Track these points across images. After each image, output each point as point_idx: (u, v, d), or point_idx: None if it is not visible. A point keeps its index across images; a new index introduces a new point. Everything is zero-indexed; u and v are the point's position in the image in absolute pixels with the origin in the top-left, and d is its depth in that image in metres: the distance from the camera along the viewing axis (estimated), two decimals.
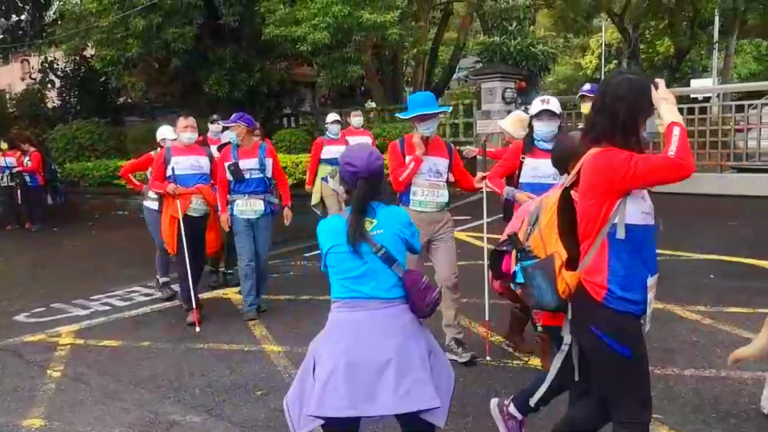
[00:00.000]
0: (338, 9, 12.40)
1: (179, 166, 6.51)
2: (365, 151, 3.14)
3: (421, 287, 2.99)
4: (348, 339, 2.91)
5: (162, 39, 14.47)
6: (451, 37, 23.29)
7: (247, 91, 15.51)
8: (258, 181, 6.51)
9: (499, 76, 13.49)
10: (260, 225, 6.57)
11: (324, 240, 3.07)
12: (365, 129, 10.17)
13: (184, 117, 6.58)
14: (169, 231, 6.55)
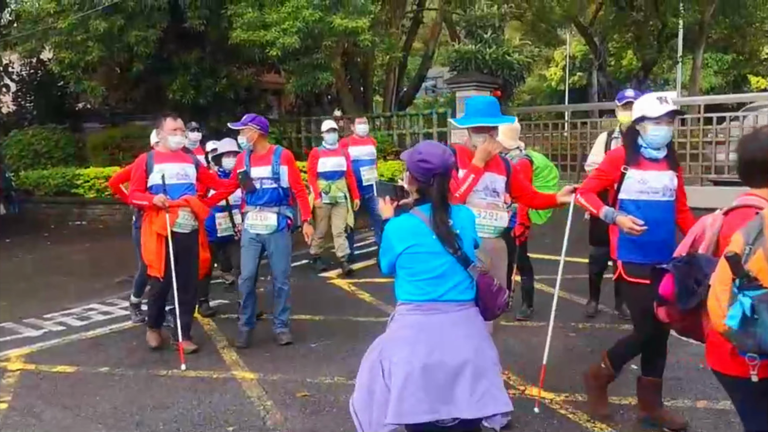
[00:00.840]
0: (309, 14, 11.97)
1: (166, 174, 5.64)
2: (437, 147, 3.11)
3: (493, 289, 3.02)
4: (424, 342, 2.87)
5: (124, 42, 13.83)
6: (417, 47, 23.06)
7: (213, 97, 14.96)
8: (271, 192, 5.81)
9: (475, 85, 13.20)
10: (273, 242, 5.84)
11: (398, 240, 3.00)
12: (369, 137, 9.60)
13: (172, 118, 5.75)
14: (156, 251, 5.60)
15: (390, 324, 3.12)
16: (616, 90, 30.26)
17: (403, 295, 3.02)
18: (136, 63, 14.55)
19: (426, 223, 2.96)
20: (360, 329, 6.24)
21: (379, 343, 3.06)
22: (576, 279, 7.51)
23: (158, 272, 5.63)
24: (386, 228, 3.08)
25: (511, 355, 5.40)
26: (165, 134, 5.72)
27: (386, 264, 3.08)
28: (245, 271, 5.90)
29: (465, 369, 2.84)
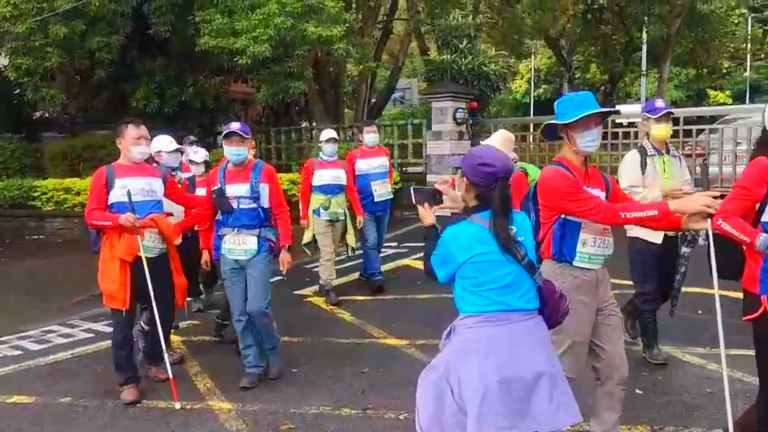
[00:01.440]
0: (281, 21, 11.61)
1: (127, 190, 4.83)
2: (496, 150, 2.99)
3: (556, 296, 2.95)
4: (498, 355, 2.75)
5: (85, 48, 13.30)
6: (384, 58, 22.87)
7: (179, 106, 14.46)
8: (250, 212, 5.07)
9: (451, 96, 12.99)
10: (251, 267, 5.09)
11: (460, 248, 2.85)
12: (381, 147, 8.41)
13: (134, 125, 4.90)
14: (120, 280, 4.80)
15: (451, 339, 2.97)
16: None
17: (467, 306, 2.89)
18: (97, 70, 14.01)
19: (489, 230, 2.83)
20: (343, 352, 5.88)
21: (442, 361, 2.91)
22: None
23: (122, 304, 4.82)
24: (444, 236, 2.91)
25: None
26: (126, 144, 4.87)
27: (445, 274, 2.94)
28: (237, 305, 5.18)
29: (541, 380, 2.76)
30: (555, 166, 3.49)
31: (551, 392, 2.76)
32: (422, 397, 2.92)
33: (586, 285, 3.43)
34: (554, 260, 3.47)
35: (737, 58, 33.51)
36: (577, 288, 3.39)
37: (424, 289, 7.84)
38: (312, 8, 11.88)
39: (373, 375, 5.32)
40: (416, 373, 5.27)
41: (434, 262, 2.99)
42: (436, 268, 2.99)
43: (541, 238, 3.47)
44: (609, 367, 3.55)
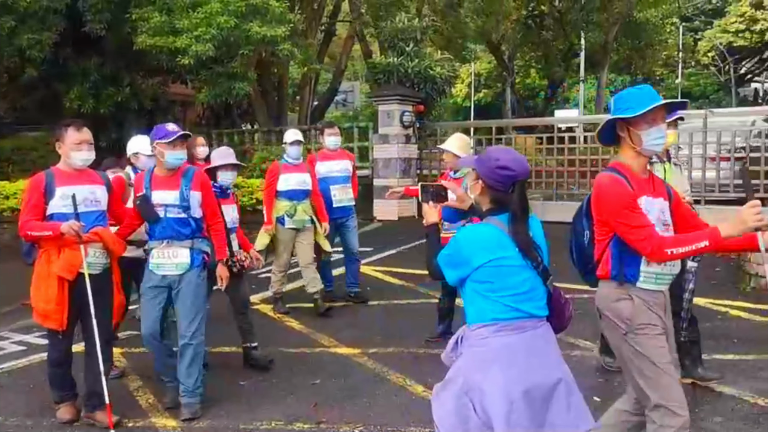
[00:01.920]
0: (224, 20, 11.32)
1: (69, 200, 4.34)
2: (513, 151, 2.90)
3: (562, 301, 2.89)
4: (519, 365, 2.66)
5: (15, 45, 12.69)
6: (327, 61, 22.70)
7: (115, 107, 13.95)
8: (179, 222, 4.59)
9: (398, 99, 12.86)
10: (182, 283, 4.60)
11: (477, 251, 2.72)
12: (344, 150, 7.99)
13: (75, 128, 4.38)
14: (58, 298, 4.30)
15: (462, 350, 2.83)
16: (524, 107, 31.32)
17: (481, 315, 2.75)
18: (28, 68, 13.40)
19: (507, 234, 2.72)
20: (293, 362, 5.67)
21: (458, 374, 2.76)
22: None
23: (58, 325, 4.35)
24: (460, 238, 2.79)
25: None
26: (66, 149, 4.37)
27: (456, 277, 2.81)
28: (149, 325, 4.62)
29: (559, 388, 2.69)
30: (610, 173, 3.07)
31: (568, 399, 2.71)
32: (442, 414, 2.78)
33: (655, 308, 3.08)
34: (614, 281, 3.10)
35: (669, 65, 34.58)
36: (646, 311, 3.05)
37: (374, 295, 7.71)
38: (256, 8, 11.62)
39: (326, 386, 5.14)
40: (369, 383, 5.18)
41: (443, 263, 2.86)
42: (445, 269, 2.85)
43: (598, 258, 3.15)
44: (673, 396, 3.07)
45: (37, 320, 4.55)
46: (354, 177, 7.74)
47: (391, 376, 5.28)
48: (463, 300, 2.86)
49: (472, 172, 2.90)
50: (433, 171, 14.11)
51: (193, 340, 4.60)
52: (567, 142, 12.75)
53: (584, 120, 24.72)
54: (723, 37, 34.17)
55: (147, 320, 4.65)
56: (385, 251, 9.75)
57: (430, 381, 5.06)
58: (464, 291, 2.83)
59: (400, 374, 5.30)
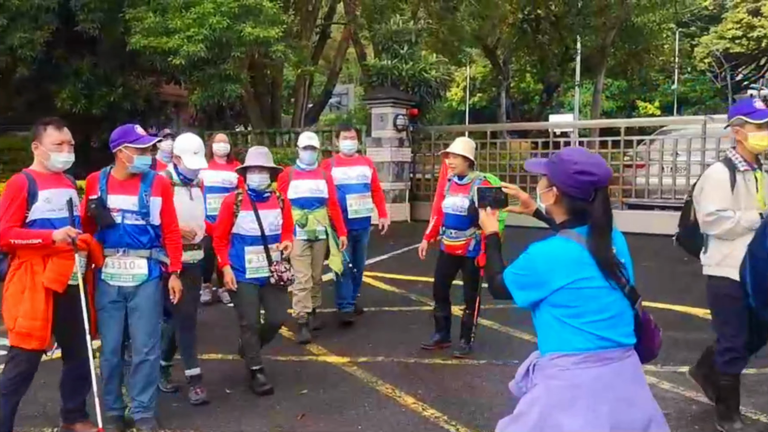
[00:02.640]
0: (216, 21, 11.22)
1: (52, 204, 4.00)
2: (589, 153, 2.57)
3: (652, 326, 2.57)
4: (605, 401, 2.36)
5: (6, 44, 12.58)
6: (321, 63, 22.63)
7: (108, 107, 13.83)
8: (138, 230, 4.25)
9: (392, 102, 12.77)
10: (138, 296, 4.28)
11: (556, 271, 2.40)
12: (361, 156, 7.34)
13: (56, 128, 4.03)
14: (44, 313, 3.92)
15: (535, 380, 2.52)
16: (519, 111, 31.32)
17: (561, 343, 2.43)
18: (20, 68, 13.27)
19: (588, 250, 2.40)
20: (280, 371, 5.51)
21: (533, 408, 2.45)
22: (511, 308, 7.12)
23: (40, 343, 3.94)
24: (534, 255, 2.48)
25: (455, 402, 4.86)
26: (45, 150, 4.00)
27: (528, 299, 2.50)
28: (108, 345, 4.31)
29: (650, 426, 2.41)
30: None
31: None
32: None
33: None
34: None
35: (666, 70, 34.61)
36: None
37: (364, 302, 7.57)
38: (249, 9, 11.51)
39: (313, 396, 5.01)
40: (358, 393, 5.04)
41: (512, 283, 2.55)
42: (515, 290, 2.53)
43: None
44: None
45: (14, 342, 3.97)
46: (376, 185, 7.04)
47: (380, 387, 5.15)
48: (537, 324, 2.56)
49: (543, 179, 2.59)
50: (426, 175, 14.04)
51: (150, 355, 4.33)
52: (562, 146, 12.67)
53: (579, 125, 24.83)
54: (720, 43, 34.30)
55: (109, 336, 4.31)
56: (376, 257, 9.59)
57: (421, 392, 5.00)
58: (538, 315, 2.53)
59: (390, 385, 5.17)
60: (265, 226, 5.03)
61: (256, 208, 5.01)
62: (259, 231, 5.03)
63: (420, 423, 4.53)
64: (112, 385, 4.41)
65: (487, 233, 2.85)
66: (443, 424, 4.50)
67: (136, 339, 4.32)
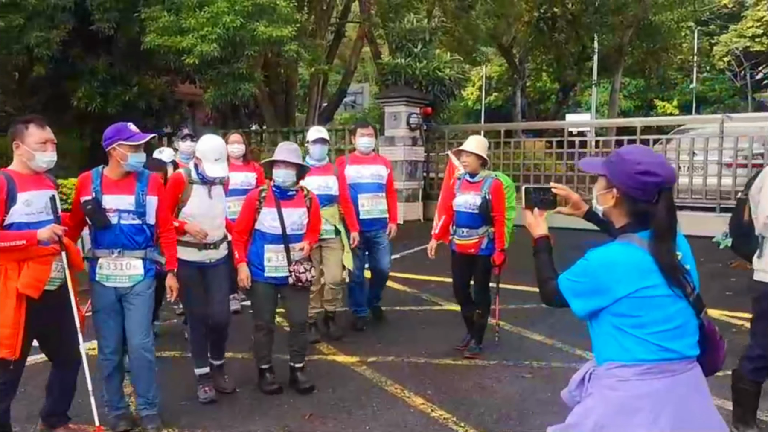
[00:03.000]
0: (230, 20, 11.20)
1: (32, 207, 3.83)
2: (653, 152, 2.48)
3: (718, 337, 2.45)
4: (668, 415, 2.23)
5: (23, 44, 12.64)
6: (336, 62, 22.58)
7: (123, 106, 13.87)
8: (134, 230, 4.18)
9: (405, 100, 12.72)
10: (135, 297, 4.23)
11: (618, 279, 2.27)
12: (378, 155, 6.98)
13: (38, 126, 3.87)
14: (15, 319, 3.72)
15: (592, 390, 2.42)
16: (535, 111, 31.13)
17: (621, 353, 2.31)
18: (36, 66, 13.35)
19: (651, 256, 2.27)
20: (289, 370, 5.46)
21: (587, 419, 2.36)
22: (523, 309, 7.07)
23: (12, 352, 3.74)
24: (593, 261, 2.35)
25: (464, 402, 4.80)
26: (27, 149, 3.82)
27: (587, 308, 2.37)
28: (111, 342, 4.27)
29: None
30: None
31: None
32: None
33: None
34: None
35: (684, 69, 34.27)
36: None
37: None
38: (263, 7, 11.50)
39: (321, 396, 4.97)
40: (367, 393, 5.00)
41: (568, 291, 2.42)
42: (572, 298, 2.41)
43: None
44: None
45: None
46: (390, 187, 6.72)
47: (389, 387, 5.11)
48: (593, 333, 2.45)
49: (600, 179, 2.46)
50: (440, 174, 13.96)
51: (147, 352, 4.31)
52: (578, 146, 12.57)
53: (594, 123, 24.62)
54: (739, 41, 33.89)
55: (109, 337, 4.26)
56: (392, 254, 9.50)
57: (430, 393, 4.96)
58: (596, 324, 2.41)
59: (399, 385, 5.13)
60: (287, 224, 4.89)
61: (279, 206, 4.88)
62: (280, 229, 4.89)
63: (428, 424, 4.48)
64: (113, 384, 4.37)
65: (535, 236, 2.69)
66: (452, 425, 4.45)
67: (133, 337, 4.26)
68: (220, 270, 4.92)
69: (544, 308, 7.36)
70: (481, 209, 5.54)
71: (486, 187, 5.57)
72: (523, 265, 3.69)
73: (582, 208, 2.78)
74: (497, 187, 5.59)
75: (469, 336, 5.92)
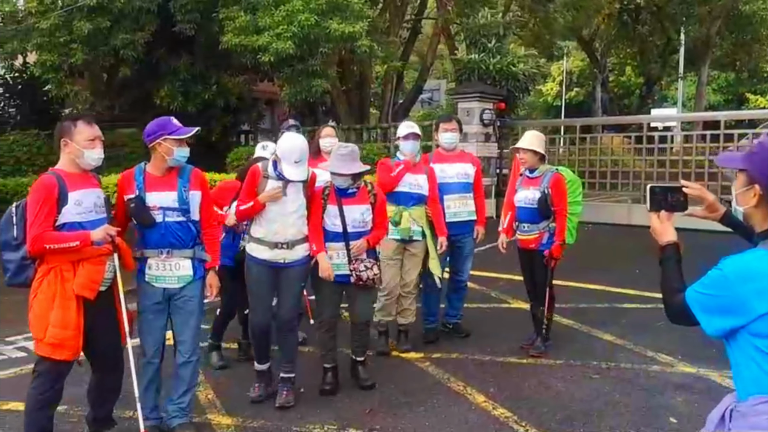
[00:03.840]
0: (304, 18, 11.36)
1: (82, 206, 3.77)
2: None
3: None
4: None
5: (110, 45, 13.22)
6: (413, 59, 22.58)
7: (203, 104, 14.31)
8: (180, 228, 4.10)
9: (478, 96, 12.60)
10: (183, 297, 4.16)
11: (758, 293, 1.94)
12: (463, 152, 6.52)
13: (87, 123, 3.83)
14: (75, 322, 3.70)
15: (739, 429, 2.07)
16: (618, 106, 30.24)
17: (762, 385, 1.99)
18: (123, 68, 13.92)
19: None
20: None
21: None
22: (593, 308, 6.90)
23: (74, 353, 3.76)
24: (729, 272, 2.02)
25: (527, 402, 4.72)
26: (76, 147, 3.78)
27: (721, 327, 2.05)
28: (152, 344, 4.18)
29: None
30: None
31: None
32: None
33: None
34: None
35: None
36: None
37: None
38: (337, 5, 11.62)
39: (383, 391, 4.98)
40: (428, 390, 4.97)
41: (699, 305, 2.10)
42: (701, 314, 2.09)
43: None
44: None
45: (43, 352, 3.75)
46: (478, 185, 6.22)
47: (452, 384, 5.08)
48: (732, 358, 2.12)
49: (740, 175, 2.16)
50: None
51: (193, 357, 4.26)
52: (658, 141, 12.14)
53: (677, 118, 23.64)
54: None
55: (151, 339, 4.19)
56: None
57: (492, 391, 4.90)
58: (734, 346, 2.09)
59: (462, 382, 5.09)
60: (348, 222, 4.78)
61: (340, 203, 4.79)
62: (341, 227, 4.80)
63: (489, 422, 4.43)
64: (150, 392, 4.25)
65: (661, 243, 2.33)
66: (512, 423, 4.38)
67: (181, 341, 4.22)
68: (294, 272, 4.72)
69: (617, 308, 7.24)
70: (539, 204, 5.47)
71: (545, 182, 5.50)
72: (596, 264, 3.51)
73: (719, 211, 2.44)
74: (557, 180, 5.51)
75: (535, 334, 5.82)
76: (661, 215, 2.37)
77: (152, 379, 4.22)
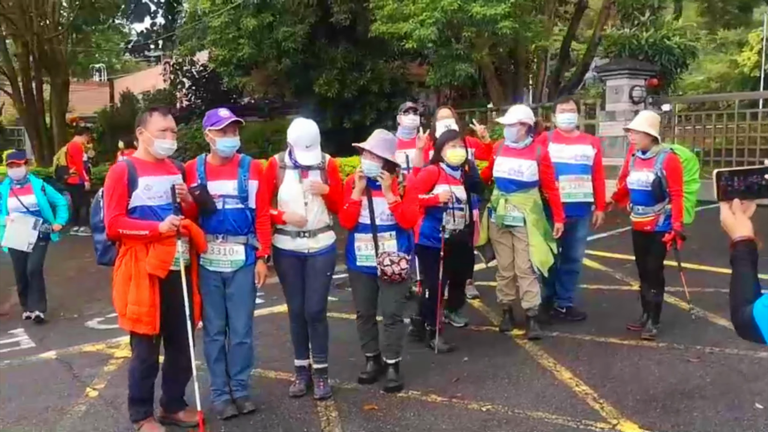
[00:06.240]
0: (448, 3, 11.59)
1: (152, 191, 4.06)
2: None
3: None
4: None
5: (273, 39, 14.30)
6: (587, 34, 21.75)
7: (358, 90, 15.03)
8: (237, 214, 4.31)
9: (627, 73, 12.09)
10: (236, 282, 4.38)
11: None
12: (585, 133, 6.46)
13: (161, 114, 4.13)
14: (151, 299, 4.00)
15: None
16: None
17: None
18: (284, 58, 14.96)
19: None
20: (455, 338, 5.72)
21: None
22: (715, 292, 6.60)
23: (152, 328, 4.02)
24: None
25: (612, 381, 4.74)
26: (149, 136, 4.07)
27: None
28: (215, 325, 4.40)
29: None
30: None
31: None
32: None
33: None
34: None
35: None
36: None
37: None
38: None
39: (474, 363, 5.21)
40: (518, 364, 5.15)
41: (767, 321, 1.81)
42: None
43: None
44: None
45: (125, 326, 4.13)
46: (598, 168, 6.06)
47: (542, 360, 5.20)
48: None
49: None
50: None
51: (247, 338, 4.48)
52: None
53: None
54: None
55: (214, 318, 4.39)
56: (595, 234, 9.23)
57: (581, 369, 4.97)
58: None
59: (553, 359, 5.19)
60: (376, 214, 4.68)
61: (370, 195, 4.68)
62: (369, 219, 4.70)
63: (567, 397, 4.53)
64: (219, 367, 4.47)
65: (733, 239, 1.98)
66: (590, 401, 4.46)
67: (235, 323, 4.42)
68: (318, 261, 4.64)
69: None
70: (653, 187, 5.35)
71: (659, 163, 5.37)
72: (720, 247, 3.26)
73: None
74: (671, 160, 5.37)
75: (645, 316, 5.73)
76: (734, 204, 2.01)
77: (218, 358, 4.47)
